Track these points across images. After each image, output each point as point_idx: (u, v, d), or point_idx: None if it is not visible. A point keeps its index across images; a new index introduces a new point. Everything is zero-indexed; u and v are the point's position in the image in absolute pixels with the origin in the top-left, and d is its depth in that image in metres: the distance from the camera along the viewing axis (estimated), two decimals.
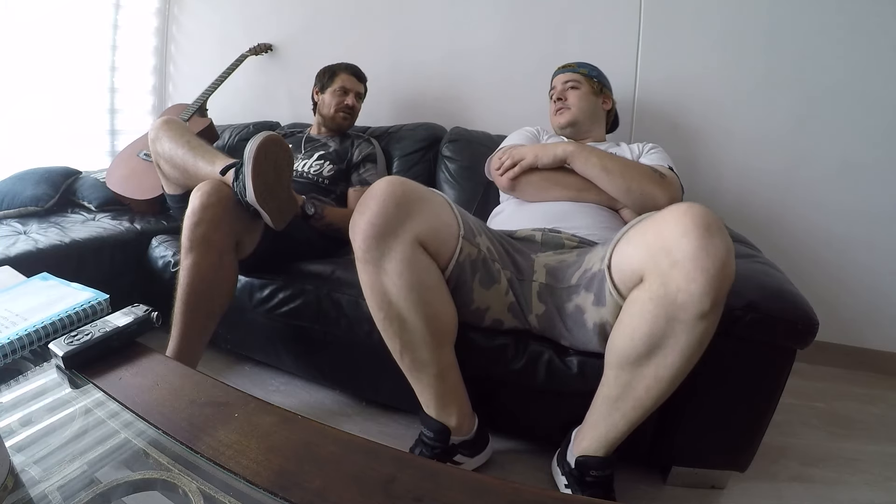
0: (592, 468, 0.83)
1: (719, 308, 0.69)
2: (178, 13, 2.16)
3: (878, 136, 1.43)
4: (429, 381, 0.89)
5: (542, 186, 1.13)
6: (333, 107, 1.56)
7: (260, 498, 0.40)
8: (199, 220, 0.97)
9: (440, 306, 0.85)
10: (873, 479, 1.04)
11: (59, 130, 1.85)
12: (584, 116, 1.27)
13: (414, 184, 0.83)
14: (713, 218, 0.68)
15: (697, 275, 0.66)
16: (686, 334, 0.69)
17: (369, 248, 0.80)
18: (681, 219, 0.69)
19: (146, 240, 1.38)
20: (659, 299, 0.69)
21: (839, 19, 1.41)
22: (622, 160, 1.10)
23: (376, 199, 0.79)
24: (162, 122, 1.17)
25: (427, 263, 0.82)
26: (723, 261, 0.65)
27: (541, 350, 0.92)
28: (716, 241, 0.66)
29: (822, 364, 1.52)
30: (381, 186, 0.80)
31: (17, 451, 0.44)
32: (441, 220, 0.83)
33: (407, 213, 0.79)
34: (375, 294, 0.83)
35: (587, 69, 1.31)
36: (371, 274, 0.82)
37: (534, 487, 0.42)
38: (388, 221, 0.78)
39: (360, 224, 0.79)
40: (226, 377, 1.26)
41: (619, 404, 0.78)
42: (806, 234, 1.53)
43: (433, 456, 0.91)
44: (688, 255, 0.66)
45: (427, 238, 0.81)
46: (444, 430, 0.91)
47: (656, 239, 0.71)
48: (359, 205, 0.81)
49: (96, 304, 0.67)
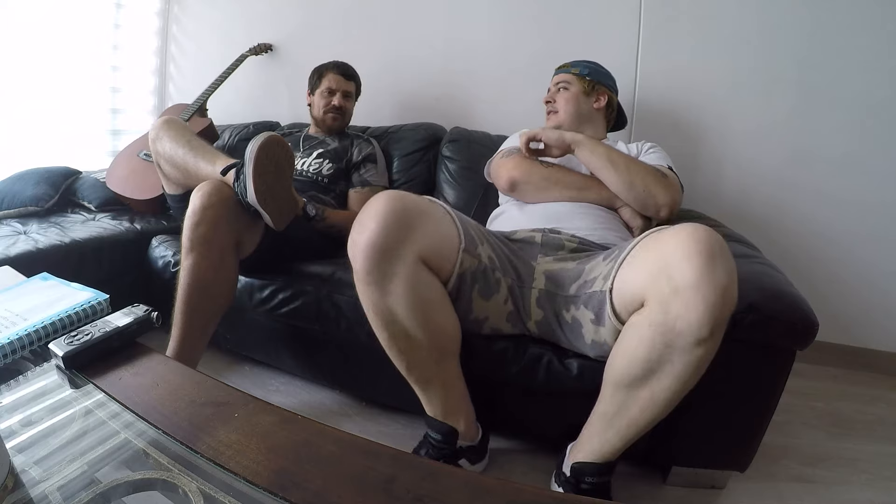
0: (588, 474, 0.82)
1: (719, 333, 0.68)
2: (180, 13, 2.16)
3: (879, 134, 1.43)
4: (436, 392, 0.89)
5: (542, 186, 1.12)
6: (322, 108, 1.55)
7: (260, 498, 0.40)
8: (199, 220, 0.97)
9: (444, 320, 0.84)
10: (873, 479, 1.04)
11: (59, 130, 1.84)
12: (569, 119, 1.26)
13: (413, 197, 0.81)
14: (717, 242, 0.67)
15: (698, 303, 0.65)
16: (682, 360, 0.69)
17: (371, 270, 0.77)
18: (685, 242, 0.68)
19: (146, 240, 1.38)
20: (658, 326, 0.69)
21: (838, 15, 1.41)
22: (627, 156, 1.10)
23: (376, 218, 0.76)
24: (163, 122, 1.17)
25: (430, 280, 0.81)
26: (724, 288, 0.65)
27: (540, 353, 0.92)
28: (718, 269, 0.65)
29: (822, 364, 1.52)
30: (380, 203, 0.77)
31: (17, 451, 0.44)
32: (442, 235, 0.82)
33: (408, 230, 0.77)
34: (379, 315, 0.82)
35: (580, 68, 1.29)
36: (374, 294, 0.80)
37: (534, 487, 0.42)
38: (388, 241, 0.75)
39: (360, 244, 0.76)
40: (226, 377, 1.26)
41: (614, 421, 0.78)
42: (806, 234, 1.53)
43: (439, 458, 0.91)
44: (689, 282, 0.65)
45: (429, 254, 0.79)
46: (453, 432, 0.91)
47: (658, 261, 0.71)
48: (357, 223, 0.78)
49: (96, 304, 0.67)
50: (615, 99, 1.33)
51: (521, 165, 1.15)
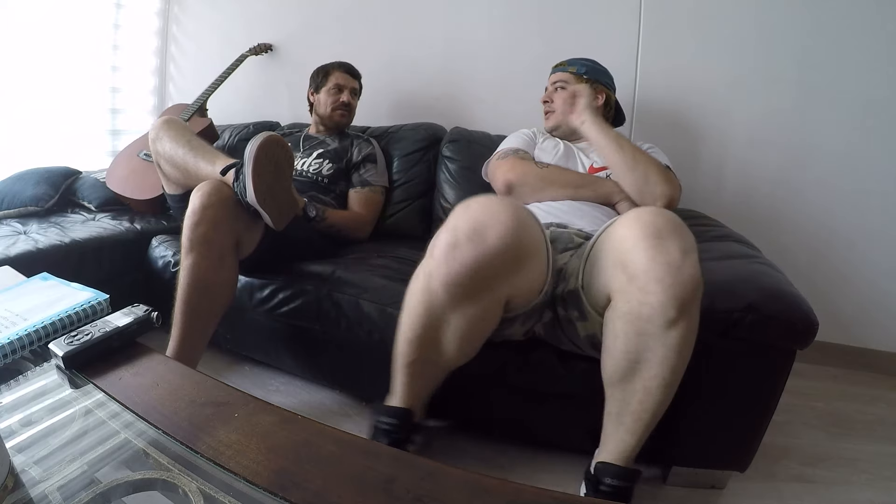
0: (608, 475, 0.80)
1: (690, 311, 0.67)
2: (179, 13, 2.16)
3: (879, 134, 1.43)
4: (417, 386, 0.87)
5: (538, 187, 1.13)
6: (330, 105, 1.56)
7: (260, 498, 0.40)
8: (199, 220, 0.97)
9: (477, 349, 0.84)
10: (873, 479, 1.04)
11: (59, 130, 1.84)
12: (566, 119, 1.25)
13: (534, 226, 0.75)
14: (666, 221, 0.67)
15: (653, 286, 0.65)
16: (660, 345, 0.69)
17: (459, 285, 0.70)
18: (632, 228, 0.68)
19: (146, 240, 1.38)
20: (626, 316, 0.69)
21: (838, 15, 1.41)
22: (634, 145, 1.12)
23: (498, 236, 0.68)
24: (163, 122, 1.17)
25: (496, 317, 0.79)
26: (677, 266, 0.64)
27: (544, 355, 0.93)
28: (669, 248, 0.65)
29: (822, 364, 1.52)
30: (507, 221, 0.68)
31: (17, 451, 0.44)
32: (535, 280, 0.79)
33: (516, 267, 0.72)
34: (427, 320, 0.77)
35: (577, 66, 1.28)
36: (438, 303, 0.74)
37: (534, 487, 0.42)
38: (495, 269, 0.70)
39: (468, 255, 0.68)
40: (226, 377, 1.26)
41: (621, 419, 0.78)
42: (806, 233, 1.53)
43: (393, 443, 0.87)
44: (640, 267, 0.66)
45: (515, 295, 0.78)
46: (408, 413, 0.87)
47: (613, 252, 0.71)
48: (472, 226, 0.68)
49: (96, 304, 0.67)
50: (613, 97, 1.33)
51: (516, 167, 1.15)
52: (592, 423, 0.84)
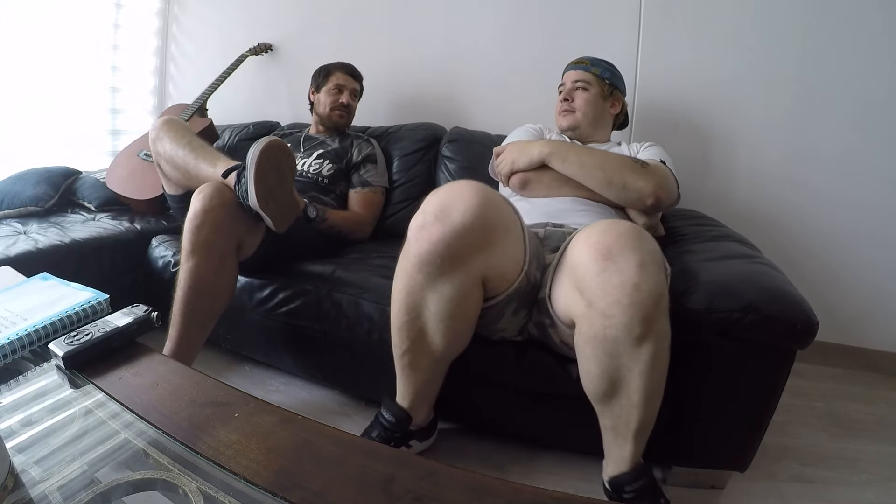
0: (625, 484, 0.80)
1: (657, 324, 0.66)
2: (179, 13, 2.16)
3: (880, 134, 1.43)
4: (417, 380, 0.89)
5: (554, 186, 1.10)
6: (329, 105, 1.56)
7: (260, 498, 0.40)
8: (201, 223, 0.97)
9: (465, 335, 0.84)
10: (873, 479, 1.04)
11: (59, 130, 1.85)
12: (587, 122, 1.23)
13: (503, 205, 0.76)
14: (614, 236, 0.65)
15: (613, 309, 0.64)
16: (634, 362, 0.68)
17: (431, 262, 0.72)
18: (581, 250, 0.67)
19: (146, 240, 1.38)
20: (593, 340, 0.69)
21: (840, 15, 1.40)
22: (602, 154, 1.07)
23: (463, 214, 0.69)
24: (163, 122, 1.17)
25: (477, 298, 0.79)
26: (633, 284, 0.63)
27: (540, 356, 0.93)
28: (621, 266, 0.64)
29: (822, 364, 1.52)
30: (472, 200, 0.70)
31: (17, 451, 0.44)
32: (511, 257, 0.79)
33: (486, 244, 0.72)
34: (409, 302, 0.78)
35: (600, 69, 1.26)
36: (416, 283, 0.76)
37: (533, 487, 0.42)
38: (464, 246, 0.71)
39: (435, 233, 0.70)
40: (226, 377, 1.26)
41: (617, 431, 0.78)
42: (806, 233, 1.53)
43: (390, 441, 0.91)
44: (597, 293, 0.65)
45: (491, 275, 0.77)
46: (407, 418, 0.90)
47: (571, 274, 0.70)
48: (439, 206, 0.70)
49: (96, 304, 0.67)
50: (626, 104, 1.32)
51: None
52: (591, 423, 0.84)
